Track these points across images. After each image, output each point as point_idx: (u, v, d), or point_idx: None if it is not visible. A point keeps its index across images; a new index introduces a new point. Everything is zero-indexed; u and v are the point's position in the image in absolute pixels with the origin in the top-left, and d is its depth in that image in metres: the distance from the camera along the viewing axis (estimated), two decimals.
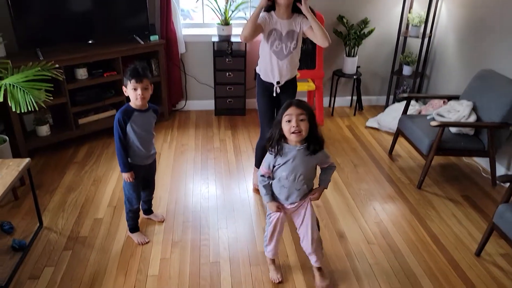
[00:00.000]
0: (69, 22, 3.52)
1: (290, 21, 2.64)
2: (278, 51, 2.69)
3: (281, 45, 2.67)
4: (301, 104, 1.91)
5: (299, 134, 1.88)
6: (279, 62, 2.71)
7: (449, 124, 3.13)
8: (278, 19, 2.63)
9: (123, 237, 2.62)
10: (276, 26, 2.64)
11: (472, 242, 2.67)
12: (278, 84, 2.77)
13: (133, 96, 2.27)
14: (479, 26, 3.64)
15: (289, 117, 1.88)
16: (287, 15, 2.63)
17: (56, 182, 3.19)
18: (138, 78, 2.24)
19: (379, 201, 3.09)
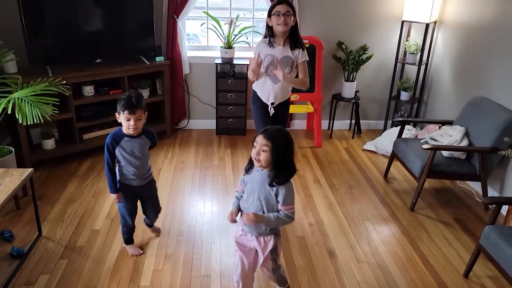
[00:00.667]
0: (79, 42, 3.70)
1: (287, 49, 2.79)
2: (273, 76, 2.82)
3: (274, 72, 2.79)
4: (271, 135, 1.85)
5: (257, 162, 1.88)
6: (273, 86, 2.86)
7: (440, 148, 3.21)
8: (275, 44, 2.79)
9: (118, 248, 2.69)
10: (272, 52, 2.79)
11: (461, 264, 2.70)
12: (272, 105, 2.92)
13: (125, 126, 2.29)
14: (473, 54, 3.76)
15: (255, 144, 1.88)
16: (284, 42, 2.79)
17: (57, 193, 3.29)
18: (132, 109, 2.23)
19: (371, 221, 3.14)
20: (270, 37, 2.82)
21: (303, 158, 4.16)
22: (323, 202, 3.37)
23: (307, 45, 4.21)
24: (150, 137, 2.47)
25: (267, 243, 2.01)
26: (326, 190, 3.55)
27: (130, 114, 2.24)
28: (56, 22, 3.56)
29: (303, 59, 2.82)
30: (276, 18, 2.70)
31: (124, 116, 2.25)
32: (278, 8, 2.68)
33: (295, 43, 2.79)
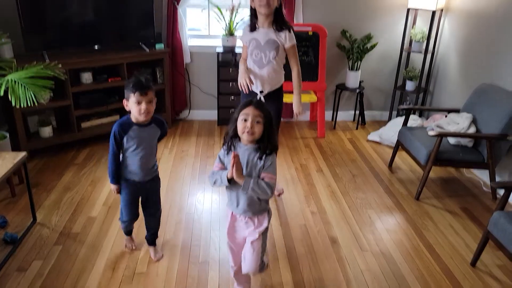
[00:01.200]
0: (77, 27, 3.64)
1: (271, 31, 2.66)
2: (258, 60, 2.72)
3: (260, 54, 2.70)
4: (260, 105, 1.82)
5: (251, 135, 1.79)
6: (259, 71, 2.73)
7: (447, 134, 3.11)
8: (259, 28, 2.68)
9: (114, 235, 2.62)
10: (255, 36, 2.68)
11: (468, 253, 2.60)
12: (261, 93, 2.77)
13: (136, 111, 2.04)
14: (480, 41, 3.65)
15: (245, 116, 1.79)
16: (268, 24, 2.66)
17: (54, 181, 3.23)
18: (143, 90, 2.01)
19: (375, 210, 3.05)
20: (253, 20, 2.69)
21: (306, 148, 4.07)
22: (326, 191, 3.28)
23: (310, 32, 4.13)
24: (160, 126, 2.23)
25: (261, 222, 1.93)
26: (329, 179, 3.46)
27: (141, 95, 2.00)
28: (53, 6, 3.48)
29: (291, 42, 2.69)
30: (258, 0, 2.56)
31: (135, 99, 2.01)
32: None
33: (280, 25, 2.64)
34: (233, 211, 1.94)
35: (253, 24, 2.70)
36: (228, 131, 1.87)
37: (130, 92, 2.02)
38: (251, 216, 1.92)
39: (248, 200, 1.87)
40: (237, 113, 1.83)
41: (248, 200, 1.87)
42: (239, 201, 1.89)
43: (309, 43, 4.16)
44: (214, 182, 1.86)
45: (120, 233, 2.63)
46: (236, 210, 1.92)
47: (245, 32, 2.76)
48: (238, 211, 1.91)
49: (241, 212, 1.91)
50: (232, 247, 2.03)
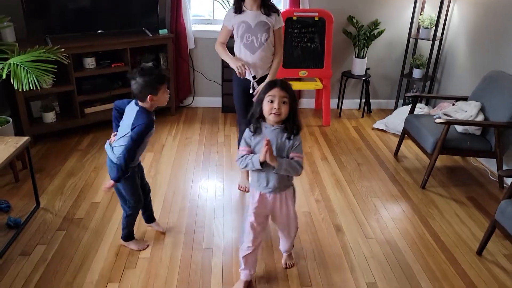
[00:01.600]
0: (79, 11, 3.60)
1: (260, 13, 2.58)
2: (249, 44, 2.62)
3: (251, 37, 2.61)
4: (286, 86, 1.85)
5: (278, 116, 1.83)
6: (251, 56, 2.64)
7: (454, 122, 3.06)
8: (247, 10, 2.59)
9: (118, 221, 2.61)
10: (244, 18, 2.59)
11: (474, 242, 2.58)
12: (254, 79, 2.67)
13: (164, 100, 2.08)
14: (491, 28, 3.57)
15: (271, 97, 1.82)
16: (256, 6, 2.58)
17: (58, 167, 3.22)
18: (168, 78, 2.17)
19: (380, 198, 3.02)
20: (239, 2, 2.60)
21: (311, 136, 4.03)
22: (331, 179, 3.25)
23: (316, 18, 4.06)
24: None
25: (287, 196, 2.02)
26: (334, 168, 3.43)
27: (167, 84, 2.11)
28: None
29: (280, 24, 2.64)
30: None
31: (163, 90, 2.05)
32: None
33: (269, 7, 2.58)
34: (261, 191, 1.97)
35: (239, 6, 2.60)
36: (254, 113, 1.89)
37: (159, 84, 2.02)
38: (279, 192, 1.98)
39: (279, 178, 1.92)
40: (262, 95, 1.86)
41: (279, 178, 1.92)
42: (269, 180, 1.93)
43: (315, 29, 4.09)
44: (245, 165, 1.89)
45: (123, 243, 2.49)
46: (265, 189, 1.96)
47: (230, 14, 2.65)
48: (268, 189, 1.96)
49: (271, 190, 1.95)
50: (255, 227, 2.03)
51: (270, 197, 1.99)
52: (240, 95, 2.79)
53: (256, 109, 1.89)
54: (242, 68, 2.59)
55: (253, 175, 1.98)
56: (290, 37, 4.08)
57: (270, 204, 2.01)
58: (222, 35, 2.75)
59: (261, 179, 1.95)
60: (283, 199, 2.01)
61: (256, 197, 2.00)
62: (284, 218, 2.09)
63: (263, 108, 1.86)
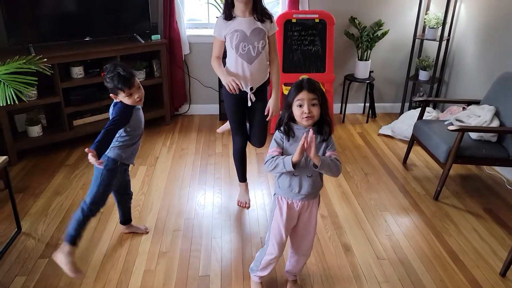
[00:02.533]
0: (65, 18, 3.38)
1: (253, 19, 2.34)
2: (246, 54, 2.37)
3: (248, 46, 2.35)
4: (313, 86, 1.72)
5: (311, 118, 1.72)
6: (249, 66, 2.39)
7: (469, 129, 2.85)
8: (238, 17, 2.34)
9: (106, 245, 2.40)
10: (237, 26, 2.33)
11: (496, 261, 2.36)
12: (251, 91, 2.45)
13: (131, 102, 2.03)
14: (502, 26, 3.36)
15: (300, 101, 1.71)
16: (249, 12, 2.33)
17: (43, 185, 3.00)
18: (130, 83, 1.98)
19: (391, 212, 2.80)
20: (229, 9, 2.33)
21: None
22: (337, 192, 3.03)
23: (316, 20, 3.85)
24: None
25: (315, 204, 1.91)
26: (340, 179, 3.21)
27: (130, 88, 1.99)
28: None
29: (274, 30, 2.42)
30: None
31: (125, 94, 1.99)
32: None
33: (261, 13, 2.34)
34: (293, 198, 1.84)
35: (229, 13, 2.34)
36: (282, 118, 1.78)
37: (118, 89, 1.98)
38: (311, 199, 1.87)
39: (314, 183, 1.81)
40: (291, 98, 1.74)
41: (313, 182, 1.81)
42: (302, 185, 1.81)
43: (315, 31, 3.88)
44: (275, 167, 1.74)
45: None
46: (296, 196, 1.83)
47: (221, 24, 2.37)
48: (299, 196, 1.83)
49: (302, 196, 1.83)
50: (283, 238, 1.91)
51: (298, 205, 1.86)
52: (235, 108, 2.55)
53: (284, 113, 1.76)
54: (233, 84, 2.34)
55: (283, 180, 1.82)
56: (289, 40, 3.87)
57: (296, 214, 1.89)
58: (216, 49, 2.49)
59: (293, 184, 1.80)
60: (310, 206, 1.89)
61: (284, 209, 1.85)
62: (305, 227, 1.94)
63: (293, 112, 1.74)
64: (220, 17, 2.40)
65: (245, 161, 2.84)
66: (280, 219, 1.87)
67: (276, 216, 1.88)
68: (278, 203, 1.87)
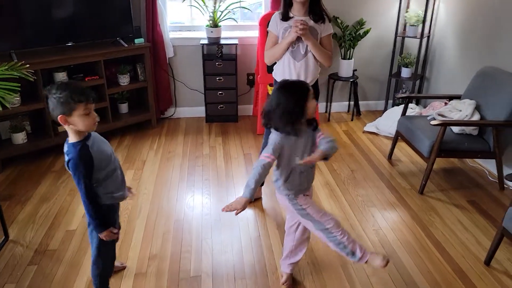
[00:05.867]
0: (47, 23, 3.34)
1: (308, 19, 2.39)
2: (295, 51, 2.43)
3: (297, 43, 2.40)
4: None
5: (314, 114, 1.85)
6: (296, 64, 2.45)
7: (450, 123, 2.91)
8: (294, 16, 2.40)
9: None
10: (291, 24, 2.38)
11: (481, 250, 2.42)
12: None
13: (88, 123, 1.66)
14: (479, 22, 3.45)
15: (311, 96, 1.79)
16: (304, 12, 2.39)
17: (29, 192, 2.97)
18: (89, 95, 1.66)
19: (378, 207, 2.85)
20: (286, 8, 2.41)
21: None
22: (324, 189, 3.07)
23: None
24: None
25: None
26: (327, 176, 3.25)
27: (90, 103, 1.66)
28: (20, 0, 3.19)
29: (328, 31, 2.45)
30: None
31: (82, 111, 1.63)
32: None
33: (319, 14, 2.39)
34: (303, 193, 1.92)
35: (286, 13, 2.41)
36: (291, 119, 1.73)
37: (73, 104, 1.61)
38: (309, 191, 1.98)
39: (310, 177, 1.93)
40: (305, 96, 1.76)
41: (311, 176, 1.93)
42: (309, 180, 1.92)
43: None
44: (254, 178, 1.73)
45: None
46: (305, 191, 1.93)
47: (276, 20, 2.45)
48: (306, 191, 1.94)
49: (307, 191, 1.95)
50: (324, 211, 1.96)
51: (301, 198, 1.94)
52: None
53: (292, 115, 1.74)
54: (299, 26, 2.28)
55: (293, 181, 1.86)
56: None
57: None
58: (268, 44, 2.51)
59: (303, 181, 1.89)
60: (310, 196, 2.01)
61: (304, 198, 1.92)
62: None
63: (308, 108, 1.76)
64: (276, 14, 2.46)
65: None
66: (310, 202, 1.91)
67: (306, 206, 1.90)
68: (297, 199, 1.90)
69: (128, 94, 4.04)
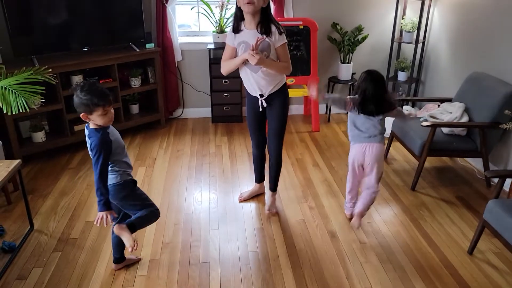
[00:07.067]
0: (65, 30, 3.60)
1: (256, 32, 2.45)
2: (249, 64, 2.49)
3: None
4: None
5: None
6: (253, 74, 2.55)
7: (440, 124, 3.13)
8: (245, 29, 2.51)
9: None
10: (243, 38, 2.51)
11: (465, 241, 2.64)
12: (262, 97, 2.62)
13: (106, 120, 1.96)
14: (470, 30, 3.66)
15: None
16: (255, 25, 2.46)
17: (50, 187, 3.21)
18: (108, 99, 1.94)
19: None
20: (237, 21, 2.50)
21: (301, 142, 4.08)
22: (323, 185, 3.29)
23: (301, 26, 4.12)
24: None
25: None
26: (326, 173, 3.48)
27: (109, 105, 1.94)
28: (41, 10, 3.44)
29: (281, 42, 2.49)
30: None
31: (102, 111, 1.92)
32: None
33: (269, 26, 2.45)
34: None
35: (237, 26, 2.51)
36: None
37: (95, 106, 1.90)
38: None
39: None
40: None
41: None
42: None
43: (300, 37, 4.15)
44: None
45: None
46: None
47: (230, 35, 2.57)
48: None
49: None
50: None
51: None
52: (249, 113, 2.79)
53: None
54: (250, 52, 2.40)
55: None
56: None
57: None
58: (225, 55, 2.65)
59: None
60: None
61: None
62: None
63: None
64: (229, 29, 2.60)
65: (261, 166, 3.01)
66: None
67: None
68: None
69: (139, 95, 4.28)
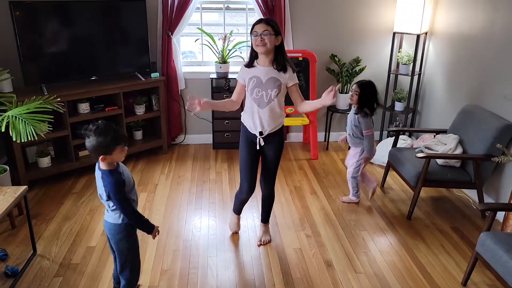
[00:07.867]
0: (73, 60, 3.75)
1: (271, 69, 2.54)
2: (259, 99, 2.56)
3: (261, 92, 2.55)
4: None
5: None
6: (259, 110, 2.58)
7: (434, 156, 3.22)
8: (258, 65, 2.57)
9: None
10: (255, 73, 2.57)
11: (459, 272, 2.68)
12: (261, 135, 2.63)
13: (121, 157, 2.01)
14: (464, 63, 3.80)
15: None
16: (268, 62, 2.55)
17: (53, 211, 3.29)
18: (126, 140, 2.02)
19: (368, 231, 3.13)
20: (252, 58, 2.59)
21: (300, 170, 4.16)
22: (320, 214, 3.36)
23: (300, 58, 4.26)
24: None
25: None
26: (323, 202, 3.55)
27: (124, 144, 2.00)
28: (51, 40, 3.60)
29: (294, 81, 2.58)
30: (254, 39, 2.47)
31: (121, 149, 1.98)
32: (256, 28, 2.45)
33: (281, 65, 2.53)
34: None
35: (251, 61, 2.60)
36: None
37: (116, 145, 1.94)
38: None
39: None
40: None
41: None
42: None
43: (299, 68, 4.29)
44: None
45: None
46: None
47: (242, 69, 2.65)
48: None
49: None
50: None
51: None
52: (247, 149, 2.73)
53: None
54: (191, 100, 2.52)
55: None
56: None
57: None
58: (235, 92, 2.74)
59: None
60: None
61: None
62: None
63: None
64: (243, 64, 2.69)
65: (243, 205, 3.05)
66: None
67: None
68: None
69: (142, 122, 4.40)
